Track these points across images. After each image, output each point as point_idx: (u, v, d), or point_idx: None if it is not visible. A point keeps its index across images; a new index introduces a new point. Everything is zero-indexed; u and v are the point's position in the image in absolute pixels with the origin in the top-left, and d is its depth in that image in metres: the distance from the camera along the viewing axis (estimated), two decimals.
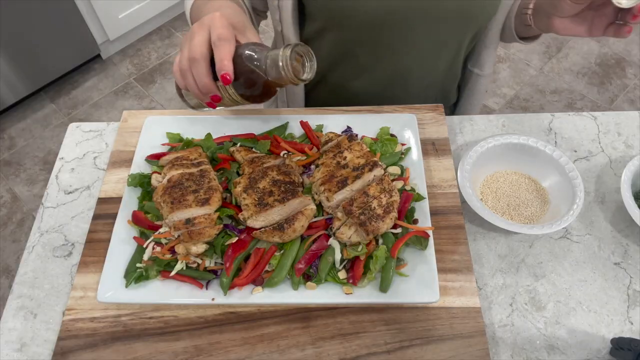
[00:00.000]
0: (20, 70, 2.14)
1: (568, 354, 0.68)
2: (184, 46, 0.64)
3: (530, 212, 0.81)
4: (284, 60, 0.60)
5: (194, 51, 0.62)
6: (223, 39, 0.61)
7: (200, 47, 0.62)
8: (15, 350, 0.69)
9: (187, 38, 0.64)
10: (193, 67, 0.63)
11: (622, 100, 2.27)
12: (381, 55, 0.92)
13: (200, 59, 0.62)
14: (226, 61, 0.61)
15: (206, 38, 0.62)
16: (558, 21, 0.74)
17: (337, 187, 0.71)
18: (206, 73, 0.63)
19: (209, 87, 0.64)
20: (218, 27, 0.62)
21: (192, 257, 0.70)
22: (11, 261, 1.86)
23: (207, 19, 0.63)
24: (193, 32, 0.63)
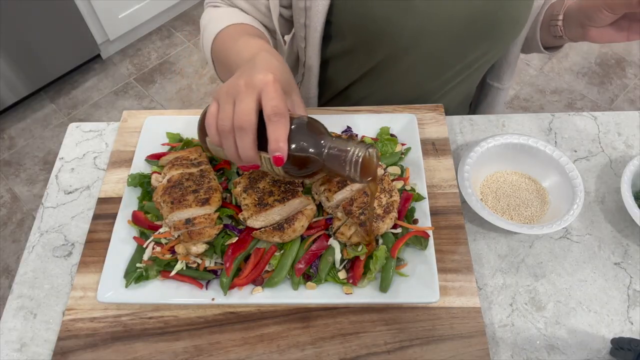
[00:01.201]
0: (20, 70, 2.14)
1: (568, 354, 0.68)
2: (226, 102, 0.56)
3: (530, 212, 0.81)
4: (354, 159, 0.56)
5: (242, 119, 0.54)
6: (279, 114, 0.53)
7: (249, 115, 0.54)
8: (15, 350, 0.69)
9: (230, 93, 0.56)
10: (239, 135, 0.55)
11: (622, 100, 2.27)
12: (406, 75, 0.89)
13: (249, 129, 0.54)
14: (282, 143, 0.54)
15: (256, 105, 0.54)
16: (594, 31, 0.73)
17: (337, 187, 0.71)
18: (252, 145, 0.55)
19: (253, 159, 0.57)
20: (272, 97, 0.54)
21: (192, 257, 0.70)
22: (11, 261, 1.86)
23: (258, 79, 0.55)
24: (239, 91, 0.55)
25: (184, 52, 2.53)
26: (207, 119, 0.57)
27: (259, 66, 0.57)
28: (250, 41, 0.70)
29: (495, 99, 1.05)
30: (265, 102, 0.54)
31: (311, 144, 0.57)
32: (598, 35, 0.74)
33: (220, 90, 0.57)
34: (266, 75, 0.55)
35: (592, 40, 0.76)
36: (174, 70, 2.45)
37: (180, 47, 2.55)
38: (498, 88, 1.03)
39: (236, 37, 0.75)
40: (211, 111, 0.57)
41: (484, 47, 0.85)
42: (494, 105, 1.07)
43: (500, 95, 1.04)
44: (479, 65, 0.91)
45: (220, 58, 0.78)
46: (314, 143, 0.57)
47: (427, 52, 0.84)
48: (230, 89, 0.56)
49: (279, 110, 0.53)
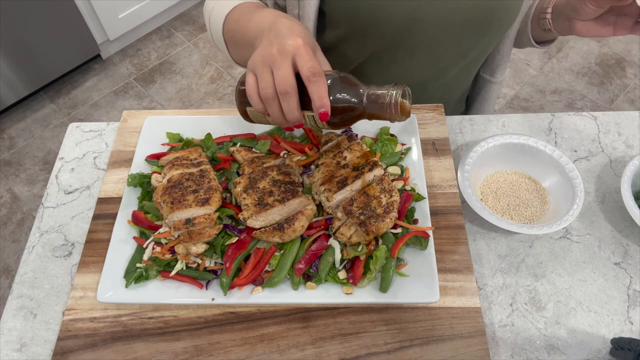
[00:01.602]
0: (20, 70, 2.14)
1: (568, 354, 0.68)
2: (263, 71, 0.60)
3: (530, 212, 0.81)
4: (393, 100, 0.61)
5: (284, 84, 0.58)
6: (316, 74, 0.58)
7: (289, 79, 0.58)
8: (15, 350, 0.69)
9: (265, 62, 0.60)
10: (283, 99, 0.59)
11: (622, 100, 2.27)
12: (400, 62, 0.90)
13: (292, 92, 0.59)
14: (325, 100, 0.58)
15: (293, 69, 0.59)
16: (580, 24, 0.74)
17: (337, 187, 0.71)
18: (297, 107, 0.60)
19: (299, 119, 0.62)
20: (307, 59, 0.58)
21: (192, 257, 0.70)
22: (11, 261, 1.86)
23: (289, 45, 0.59)
24: (274, 59, 0.59)
25: (184, 52, 2.53)
26: (248, 90, 0.61)
27: (285, 32, 0.60)
28: (265, 12, 0.71)
29: (488, 92, 1.06)
30: (301, 64, 0.58)
31: (350, 94, 0.62)
32: (584, 29, 0.75)
33: (254, 61, 0.61)
34: (296, 39, 0.59)
35: (578, 34, 0.77)
36: (174, 70, 2.45)
37: (180, 47, 2.55)
38: (491, 81, 1.04)
39: (249, 12, 0.75)
40: (250, 82, 0.61)
41: (476, 36, 0.86)
42: (487, 99, 1.07)
43: (493, 89, 1.05)
44: (473, 56, 0.92)
45: (237, 37, 0.78)
46: (353, 93, 0.62)
47: (421, 40, 0.84)
48: (264, 58, 0.60)
49: (315, 70, 0.58)
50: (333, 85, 0.61)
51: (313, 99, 0.58)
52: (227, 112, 0.89)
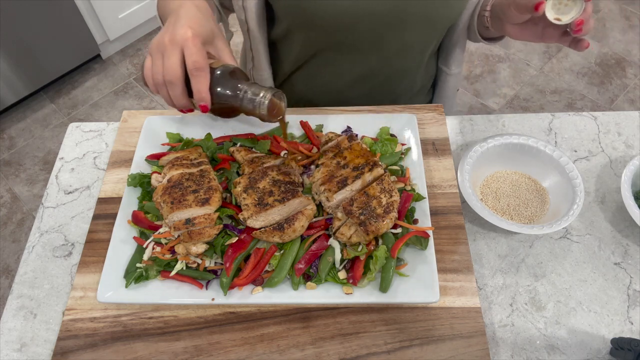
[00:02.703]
0: (20, 70, 2.14)
1: (568, 354, 0.68)
2: (156, 57, 0.64)
3: (530, 212, 0.81)
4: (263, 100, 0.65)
5: (169, 74, 0.63)
6: (199, 68, 0.62)
7: (175, 69, 0.63)
8: (15, 350, 0.69)
9: (159, 49, 0.64)
10: (169, 88, 0.64)
11: (622, 100, 2.27)
12: (347, 56, 0.92)
13: (177, 81, 0.63)
14: (204, 93, 0.64)
15: (180, 60, 0.63)
16: (509, 27, 0.75)
17: (337, 187, 0.71)
18: (183, 94, 0.65)
19: (186, 105, 0.67)
20: (193, 52, 0.62)
21: (192, 257, 0.70)
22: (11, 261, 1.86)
23: (179, 35, 0.63)
24: (165, 47, 0.63)
25: None
26: (144, 72, 0.67)
27: (181, 20, 0.64)
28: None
29: (445, 83, 1.07)
30: (186, 57, 0.63)
31: (230, 90, 0.66)
32: (514, 32, 0.76)
33: (152, 45, 0.65)
34: (186, 31, 0.63)
35: (509, 36, 0.78)
36: None
37: None
38: (446, 73, 1.05)
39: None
40: (146, 65, 0.66)
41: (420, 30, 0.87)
42: (444, 90, 1.09)
43: (449, 81, 1.06)
44: (420, 48, 0.93)
45: (162, 16, 0.82)
46: (233, 89, 0.66)
47: (364, 35, 0.86)
48: (159, 45, 0.64)
49: (198, 65, 0.62)
50: (217, 79, 0.65)
51: (194, 92, 0.64)
52: None
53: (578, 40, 0.69)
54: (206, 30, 0.66)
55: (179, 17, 0.65)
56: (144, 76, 0.67)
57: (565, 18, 0.66)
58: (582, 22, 0.65)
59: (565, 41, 0.70)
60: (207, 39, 0.66)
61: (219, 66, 0.67)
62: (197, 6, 0.68)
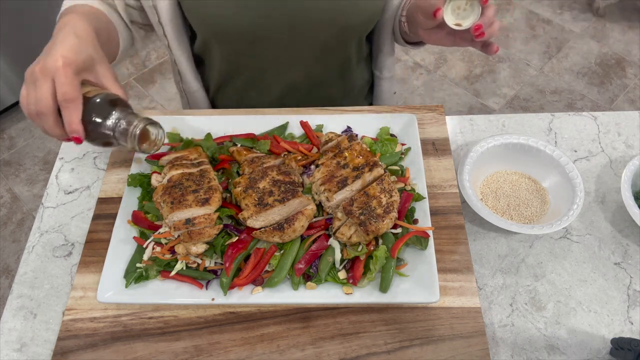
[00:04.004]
0: (20, 70, 2.13)
1: (568, 354, 0.68)
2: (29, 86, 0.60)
3: (530, 212, 0.81)
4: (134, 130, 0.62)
5: (40, 105, 0.59)
6: (68, 99, 0.59)
7: (45, 100, 0.59)
8: (15, 350, 0.69)
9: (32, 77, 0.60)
10: (41, 119, 0.61)
11: (622, 100, 2.27)
12: (268, 67, 0.93)
13: (48, 112, 0.60)
14: (74, 125, 0.60)
15: (51, 90, 0.59)
16: (422, 31, 0.76)
17: (337, 187, 0.71)
18: (55, 125, 0.61)
19: (60, 136, 0.63)
20: (63, 82, 0.59)
21: (192, 257, 0.70)
22: (11, 261, 1.86)
23: (49, 65, 0.59)
24: (36, 77, 0.59)
25: None
26: (20, 101, 0.63)
27: (55, 48, 0.61)
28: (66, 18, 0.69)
29: (380, 87, 1.08)
30: (57, 88, 0.59)
31: (104, 119, 0.62)
32: (426, 36, 0.76)
33: (26, 73, 0.61)
34: (56, 60, 0.59)
35: (423, 40, 0.79)
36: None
37: None
38: (379, 77, 1.06)
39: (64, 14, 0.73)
40: (22, 94, 0.62)
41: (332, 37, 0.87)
42: (379, 94, 1.10)
43: (382, 84, 1.08)
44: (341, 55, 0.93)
45: None
46: (106, 117, 0.62)
47: (277, 47, 0.87)
48: (32, 73, 0.60)
49: (68, 96, 0.59)
50: (92, 109, 0.62)
51: (65, 124, 0.60)
52: (227, 112, 0.89)
53: (487, 44, 0.70)
54: (82, 58, 0.62)
55: (55, 43, 0.62)
56: (20, 104, 0.63)
57: (465, 23, 0.67)
58: (481, 26, 0.66)
59: (476, 44, 0.70)
60: (83, 66, 0.62)
61: (95, 95, 0.63)
62: (75, 32, 0.65)
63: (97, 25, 0.72)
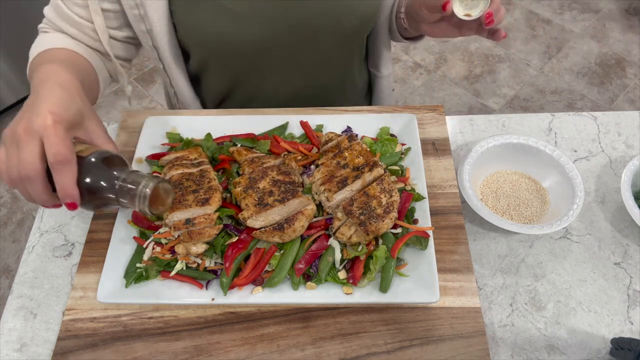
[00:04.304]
0: (20, 70, 2.13)
1: (568, 354, 0.68)
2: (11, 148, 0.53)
3: (530, 212, 0.81)
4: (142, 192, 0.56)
5: (25, 168, 0.52)
6: (62, 161, 0.52)
7: (32, 163, 0.52)
8: (15, 350, 0.69)
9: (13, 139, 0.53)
10: (27, 184, 0.54)
11: (622, 100, 2.27)
12: (269, 80, 0.93)
13: (36, 177, 0.53)
14: (70, 189, 0.53)
15: (39, 151, 0.52)
16: (425, 26, 0.76)
17: (337, 187, 0.71)
18: (44, 190, 0.54)
19: (48, 202, 0.56)
20: (53, 143, 0.52)
21: (192, 257, 0.70)
22: (11, 261, 1.86)
23: (37, 124, 0.52)
24: (20, 138, 0.52)
25: None
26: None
27: (40, 105, 0.54)
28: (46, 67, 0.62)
29: (377, 86, 1.08)
30: (47, 149, 0.52)
31: (103, 180, 0.56)
32: (430, 30, 0.77)
33: (5, 134, 0.54)
34: (45, 119, 0.52)
35: (427, 34, 0.80)
36: None
37: None
38: (377, 75, 1.06)
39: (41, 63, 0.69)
40: (0, 158, 0.54)
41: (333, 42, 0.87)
42: (378, 92, 1.10)
43: (381, 83, 1.08)
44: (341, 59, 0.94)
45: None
46: (106, 179, 0.56)
47: (278, 58, 0.87)
48: (13, 134, 0.53)
49: (61, 158, 0.52)
50: (87, 169, 0.55)
51: (57, 189, 0.53)
52: (227, 112, 0.89)
53: (494, 31, 0.70)
54: (72, 113, 0.56)
55: (38, 98, 0.55)
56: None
57: (474, 12, 0.68)
58: (491, 14, 0.66)
59: (483, 32, 0.71)
60: (73, 122, 0.56)
61: (89, 153, 0.56)
62: (61, 84, 0.58)
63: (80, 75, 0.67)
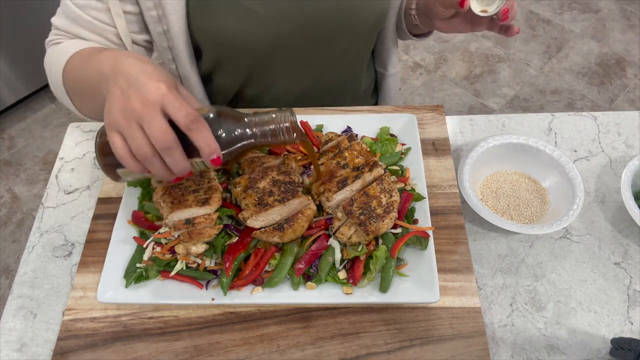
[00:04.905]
0: (20, 70, 2.14)
1: (568, 354, 0.68)
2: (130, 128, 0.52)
3: (530, 212, 0.81)
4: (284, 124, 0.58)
5: (163, 139, 0.52)
6: (195, 120, 0.52)
7: (167, 133, 0.52)
8: (15, 350, 0.69)
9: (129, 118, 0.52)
10: (166, 155, 0.53)
11: (622, 100, 2.27)
12: (278, 79, 0.93)
13: (175, 146, 0.53)
14: (214, 145, 0.54)
15: (165, 119, 0.52)
16: (438, 22, 0.77)
17: (337, 187, 0.71)
18: (183, 158, 0.54)
19: (187, 169, 0.56)
20: (178, 106, 0.52)
21: (192, 257, 0.70)
22: (11, 261, 1.86)
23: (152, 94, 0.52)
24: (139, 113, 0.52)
25: None
26: (118, 153, 0.54)
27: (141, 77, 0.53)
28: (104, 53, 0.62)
29: (384, 85, 1.09)
30: (174, 114, 0.52)
31: (237, 129, 0.58)
32: (443, 26, 0.77)
33: (114, 118, 0.53)
34: (159, 87, 0.52)
35: (439, 30, 0.80)
36: None
37: None
38: (384, 74, 1.06)
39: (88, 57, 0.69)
40: (118, 144, 0.53)
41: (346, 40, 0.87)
42: (385, 91, 1.10)
43: (388, 82, 1.08)
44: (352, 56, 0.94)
45: (78, 87, 0.71)
46: (239, 127, 0.58)
47: (292, 55, 0.87)
48: (127, 114, 0.53)
49: (193, 117, 0.52)
50: (215, 125, 0.56)
51: (200, 148, 0.54)
52: None
53: (507, 26, 0.70)
54: (172, 79, 0.56)
55: (130, 75, 0.54)
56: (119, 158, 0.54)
57: (490, 9, 0.69)
58: (508, 10, 0.67)
59: (495, 28, 0.71)
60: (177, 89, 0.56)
61: (206, 112, 0.57)
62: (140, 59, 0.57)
63: None
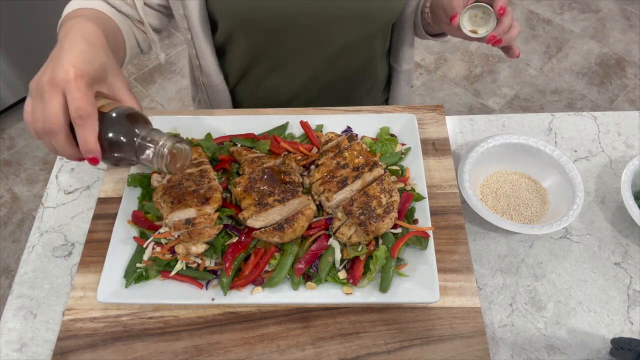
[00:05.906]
0: (20, 70, 2.13)
1: (568, 354, 0.68)
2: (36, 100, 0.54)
3: (530, 212, 0.81)
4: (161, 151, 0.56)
5: (50, 123, 0.53)
6: (83, 116, 0.52)
7: (56, 117, 0.52)
8: (15, 350, 0.69)
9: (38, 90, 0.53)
10: (51, 138, 0.54)
11: (622, 100, 2.27)
12: (291, 57, 0.93)
13: (59, 130, 0.53)
14: (91, 145, 0.53)
15: (62, 105, 0.53)
16: (445, 25, 0.78)
17: (337, 187, 0.71)
18: (68, 143, 0.55)
19: (73, 155, 0.56)
20: (75, 97, 0.52)
21: (192, 257, 0.70)
22: (11, 261, 1.86)
23: (59, 77, 0.52)
24: (43, 90, 0.53)
25: (184, 52, 2.52)
26: (25, 118, 0.56)
27: (64, 55, 0.54)
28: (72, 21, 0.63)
29: (398, 81, 1.09)
30: (69, 103, 0.52)
31: (123, 136, 0.56)
32: (449, 29, 0.78)
33: (32, 84, 0.55)
34: (67, 72, 0.53)
35: (448, 33, 0.81)
36: (174, 70, 2.45)
37: (180, 47, 2.55)
38: (398, 70, 1.07)
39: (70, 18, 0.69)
40: (26, 109, 0.55)
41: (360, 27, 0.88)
42: (399, 87, 1.10)
43: (400, 77, 1.08)
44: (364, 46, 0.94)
45: None
46: (127, 135, 0.56)
47: (304, 35, 0.87)
48: (38, 85, 0.54)
49: (82, 112, 0.52)
50: (109, 125, 0.55)
51: (79, 144, 0.54)
52: (227, 113, 0.89)
53: (508, 48, 0.72)
54: (94, 67, 0.55)
55: (62, 50, 0.55)
56: (25, 122, 0.56)
57: (480, 30, 0.69)
58: (495, 37, 0.69)
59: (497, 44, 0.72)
60: (96, 77, 0.56)
61: (112, 109, 0.56)
62: (85, 36, 0.58)
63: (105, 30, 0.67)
